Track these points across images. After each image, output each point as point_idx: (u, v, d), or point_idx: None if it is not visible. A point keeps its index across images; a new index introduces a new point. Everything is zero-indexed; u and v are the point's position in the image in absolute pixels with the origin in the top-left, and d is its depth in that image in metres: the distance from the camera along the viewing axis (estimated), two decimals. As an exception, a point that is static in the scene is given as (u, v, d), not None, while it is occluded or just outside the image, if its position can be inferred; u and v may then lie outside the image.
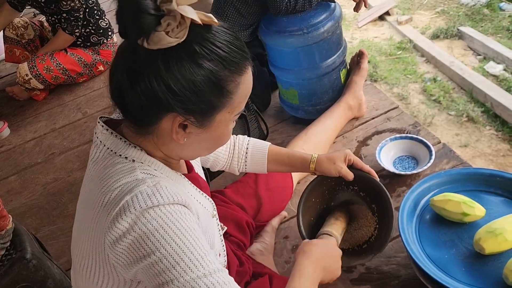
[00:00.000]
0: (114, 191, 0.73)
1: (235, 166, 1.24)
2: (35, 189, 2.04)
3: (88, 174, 0.83)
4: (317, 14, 1.60)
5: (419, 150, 1.53)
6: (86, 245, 0.78)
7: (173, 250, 0.69)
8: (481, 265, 1.05)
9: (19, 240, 1.35)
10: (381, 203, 1.22)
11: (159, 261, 0.69)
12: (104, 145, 0.80)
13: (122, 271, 0.74)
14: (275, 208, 1.42)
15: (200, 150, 0.85)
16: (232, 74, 0.74)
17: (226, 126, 0.81)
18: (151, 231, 0.69)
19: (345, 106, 1.72)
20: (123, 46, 0.74)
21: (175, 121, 0.74)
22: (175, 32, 0.67)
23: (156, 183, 0.73)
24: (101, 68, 2.70)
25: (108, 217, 0.71)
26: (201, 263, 0.70)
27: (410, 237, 1.12)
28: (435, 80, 3.22)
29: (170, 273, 0.69)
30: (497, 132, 2.70)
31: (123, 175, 0.75)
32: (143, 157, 0.79)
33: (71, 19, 2.41)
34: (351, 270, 1.30)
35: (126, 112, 0.77)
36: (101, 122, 0.84)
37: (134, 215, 0.69)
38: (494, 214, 1.12)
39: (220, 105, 0.76)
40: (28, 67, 2.46)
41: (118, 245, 0.71)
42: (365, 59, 1.79)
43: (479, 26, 3.64)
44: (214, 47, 0.71)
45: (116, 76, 0.74)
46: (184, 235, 0.71)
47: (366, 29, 4.07)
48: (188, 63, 0.69)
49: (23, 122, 2.54)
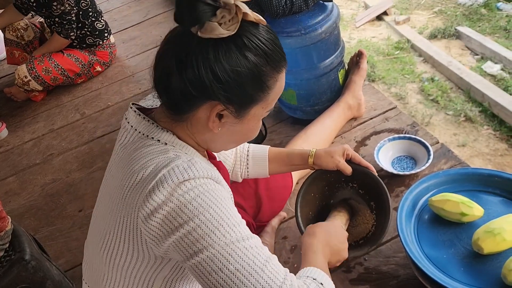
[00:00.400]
0: (149, 168, 0.75)
1: (238, 172, 1.26)
2: (33, 190, 2.04)
3: (114, 158, 0.86)
4: (315, 15, 1.60)
5: (417, 150, 1.54)
6: (114, 226, 0.80)
7: (211, 216, 0.72)
8: (479, 265, 1.05)
9: (18, 241, 1.35)
10: (379, 200, 1.22)
11: (196, 228, 0.71)
12: (136, 130, 0.84)
13: (154, 246, 0.75)
14: (275, 208, 1.42)
15: (229, 142, 0.89)
16: (272, 71, 0.78)
17: (258, 121, 0.85)
18: (189, 200, 0.72)
19: (345, 106, 1.72)
20: (175, 32, 0.78)
21: (214, 109, 0.77)
22: (227, 24, 0.72)
23: (191, 159, 0.77)
24: (98, 69, 2.69)
25: (143, 192, 0.73)
26: (238, 228, 0.73)
27: (408, 237, 1.13)
28: (433, 80, 3.22)
29: (209, 238, 0.71)
30: (495, 132, 2.71)
31: (156, 155, 0.78)
32: (175, 140, 0.82)
33: (64, 22, 2.40)
34: (350, 270, 1.30)
35: (166, 98, 0.80)
36: (134, 107, 0.87)
37: (170, 188, 0.72)
38: (493, 214, 1.13)
39: (258, 98, 0.79)
40: (27, 68, 2.46)
41: (153, 217, 0.72)
42: (364, 59, 1.79)
43: (477, 26, 3.64)
44: (260, 43, 0.76)
45: (163, 61, 0.78)
46: (220, 203, 0.74)
47: (364, 29, 4.08)
48: (236, 54, 0.73)
49: (21, 123, 2.54)
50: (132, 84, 2.57)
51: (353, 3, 4.48)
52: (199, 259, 0.71)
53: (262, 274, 0.71)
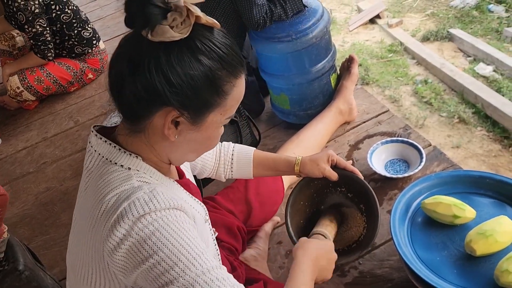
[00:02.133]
0: (112, 199, 0.74)
1: (221, 173, 1.25)
2: (27, 199, 2.03)
3: (83, 184, 0.84)
4: (305, 19, 1.61)
5: (410, 153, 1.54)
6: (85, 255, 0.78)
7: (170, 251, 0.70)
8: (472, 267, 1.05)
9: (12, 251, 1.34)
10: (367, 201, 1.22)
11: (157, 263, 0.70)
12: (99, 154, 0.81)
13: (123, 278, 0.75)
14: (266, 213, 1.42)
15: (189, 152, 0.86)
16: (228, 75, 0.76)
17: (217, 128, 0.83)
18: (148, 235, 0.70)
19: (336, 111, 1.73)
20: (127, 36, 0.77)
21: (168, 115, 0.75)
22: (179, 27, 0.70)
23: (153, 189, 0.75)
24: (90, 76, 2.69)
25: (106, 225, 0.72)
26: (198, 261, 0.72)
27: (402, 240, 1.13)
28: (426, 82, 3.24)
29: (169, 274, 0.70)
30: (488, 133, 2.72)
31: (119, 183, 0.76)
32: (138, 164, 0.80)
33: (38, 44, 2.39)
34: (344, 274, 1.30)
35: (121, 105, 0.78)
36: (95, 131, 0.85)
37: (131, 221, 0.71)
38: (485, 215, 1.13)
39: (214, 103, 0.77)
40: (19, 79, 2.45)
41: (117, 252, 0.71)
42: (355, 64, 1.80)
43: (469, 28, 3.67)
44: (215, 46, 0.74)
45: (117, 65, 0.76)
46: (180, 236, 0.72)
47: (357, 33, 4.10)
48: (188, 57, 0.72)
49: (14, 132, 2.52)
50: (125, 91, 2.56)
51: (346, 7, 4.50)
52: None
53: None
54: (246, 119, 1.70)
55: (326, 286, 1.28)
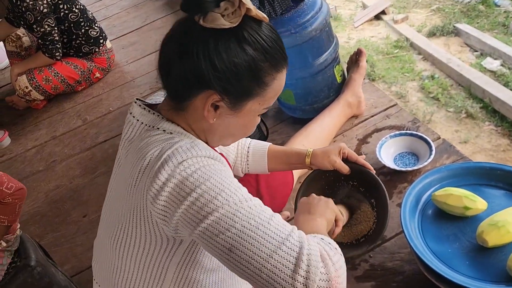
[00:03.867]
0: (155, 152, 0.77)
1: (239, 167, 1.27)
2: (37, 197, 2.05)
3: (122, 152, 0.88)
4: (304, 13, 1.60)
5: (419, 146, 1.54)
6: (124, 215, 0.81)
7: (212, 184, 0.73)
8: (484, 258, 1.05)
9: (23, 247, 1.35)
10: (377, 195, 1.22)
11: (199, 196, 0.72)
12: (142, 123, 0.85)
13: (164, 226, 0.77)
14: (276, 205, 1.43)
15: (226, 136, 0.89)
16: (270, 68, 0.80)
17: (254, 117, 0.86)
18: (190, 174, 0.74)
19: (345, 104, 1.73)
20: (180, 21, 0.81)
21: (209, 98, 0.79)
22: (230, 17, 0.74)
23: (194, 140, 0.81)
24: (98, 75, 2.70)
25: (150, 174, 0.75)
26: (240, 192, 0.75)
27: (413, 233, 1.13)
28: (433, 77, 3.22)
29: (212, 204, 0.72)
30: (497, 128, 2.70)
31: (162, 141, 0.80)
32: (180, 130, 0.84)
33: (47, 43, 2.41)
34: (355, 267, 1.30)
35: (167, 84, 0.83)
36: (138, 101, 0.89)
37: (174, 165, 0.74)
38: (496, 207, 1.13)
39: (254, 93, 0.81)
40: (27, 79, 2.47)
41: (160, 196, 0.74)
42: (363, 57, 1.80)
43: (475, 23, 3.65)
44: (261, 39, 0.78)
45: (167, 46, 0.81)
46: (219, 173, 0.75)
47: (362, 29, 4.09)
48: (235, 46, 0.75)
49: (23, 131, 2.55)
50: (132, 89, 2.58)
51: (351, 3, 4.49)
52: (206, 225, 0.72)
53: (269, 226, 0.71)
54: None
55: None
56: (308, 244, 0.71)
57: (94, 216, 1.85)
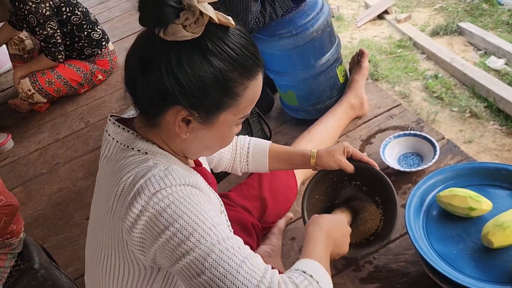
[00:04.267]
0: (128, 179, 0.75)
1: (237, 166, 1.26)
2: (40, 200, 2.05)
3: (101, 172, 0.86)
4: (305, 14, 1.60)
5: (423, 147, 1.53)
6: (104, 239, 0.80)
7: (186, 222, 0.71)
8: (490, 259, 1.04)
9: (27, 250, 1.35)
10: (384, 193, 1.22)
11: (173, 235, 0.70)
12: (117, 141, 0.83)
13: (142, 256, 0.75)
14: (280, 209, 1.42)
15: (202, 149, 0.87)
16: (241, 77, 0.75)
17: (229, 128, 0.83)
18: (164, 208, 0.71)
19: (347, 105, 1.72)
20: (141, 33, 0.77)
21: (178, 114, 0.76)
22: (192, 27, 0.70)
23: (168, 167, 0.76)
24: (100, 77, 2.70)
25: (124, 204, 0.73)
26: (213, 231, 0.72)
27: (417, 234, 1.12)
28: (437, 77, 3.21)
29: (186, 244, 0.70)
30: (501, 127, 2.69)
31: (136, 165, 0.77)
32: (155, 149, 0.82)
33: (49, 46, 2.41)
34: (359, 269, 1.29)
35: (135, 100, 0.80)
36: (112, 119, 0.86)
37: (147, 197, 0.71)
38: (501, 207, 1.11)
39: (226, 105, 0.77)
40: (30, 82, 2.47)
41: (134, 229, 0.72)
42: (365, 58, 1.79)
43: (479, 21, 3.63)
44: (227, 47, 0.73)
45: (130, 61, 0.77)
46: (195, 208, 0.73)
47: (365, 29, 4.08)
48: (199, 58, 0.71)
49: (26, 134, 2.55)
50: (135, 91, 2.57)
51: (353, 3, 4.48)
52: (181, 265, 0.71)
53: (237, 275, 0.69)
54: (256, 116, 1.70)
55: (342, 281, 1.27)
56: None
57: (97, 218, 1.85)
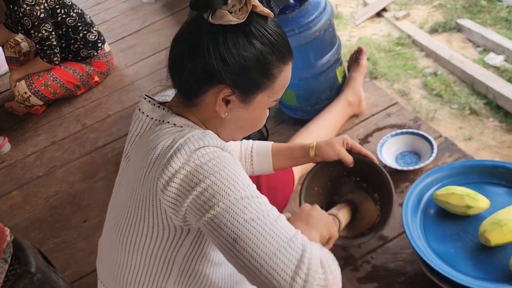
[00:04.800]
0: (166, 143, 0.79)
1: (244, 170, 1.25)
2: (37, 203, 2.04)
3: (131, 148, 0.89)
4: (308, 13, 1.60)
5: (420, 145, 1.52)
6: (132, 208, 0.82)
7: (225, 175, 0.74)
8: (487, 257, 1.03)
9: (23, 254, 1.34)
10: (381, 187, 1.21)
11: (210, 186, 0.73)
12: (152, 118, 0.87)
13: (173, 214, 0.77)
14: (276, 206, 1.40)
15: (237, 130, 0.91)
16: (277, 60, 0.83)
17: (263, 110, 0.89)
18: (203, 162, 0.75)
19: (345, 103, 1.71)
20: (189, 20, 0.84)
21: (220, 93, 0.81)
22: (237, 13, 0.77)
23: (206, 130, 0.82)
24: (97, 79, 2.69)
25: (161, 163, 0.76)
26: (249, 188, 0.76)
27: (415, 233, 1.11)
28: (436, 74, 3.20)
29: (222, 193, 0.73)
30: (501, 124, 2.67)
31: (173, 133, 0.81)
32: (190, 124, 0.86)
33: (45, 48, 2.39)
34: (357, 268, 1.28)
35: (178, 81, 0.85)
36: (147, 98, 0.91)
37: (187, 155, 0.75)
38: (498, 205, 1.11)
39: (263, 85, 0.83)
40: (26, 84, 2.47)
41: (171, 183, 0.75)
42: (363, 55, 1.78)
43: (477, 18, 3.61)
44: (267, 33, 0.81)
45: (178, 46, 0.84)
46: (232, 167, 0.77)
47: (363, 27, 4.06)
48: (243, 40, 0.79)
49: (23, 137, 2.54)
50: (132, 92, 2.56)
51: (352, 1, 4.46)
52: (214, 213, 0.73)
53: (276, 225, 0.73)
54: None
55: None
56: (310, 249, 0.72)
57: (94, 221, 1.84)
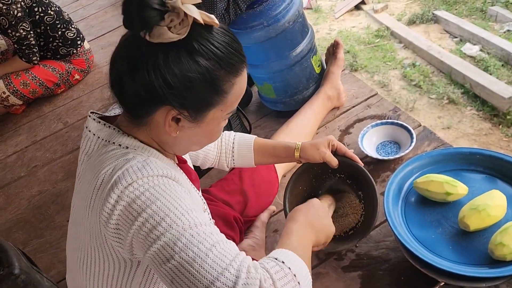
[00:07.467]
0: (108, 171, 0.75)
1: (224, 162, 1.26)
2: (20, 204, 2.01)
3: (81, 168, 0.85)
4: (276, 5, 1.59)
5: (400, 135, 1.54)
6: (84, 236, 0.80)
7: (158, 208, 0.71)
8: (467, 242, 1.06)
9: (5, 256, 1.32)
10: (366, 189, 1.23)
11: (146, 221, 0.71)
12: (99, 137, 0.83)
13: (120, 248, 0.75)
14: (261, 203, 1.42)
15: (192, 145, 0.88)
16: (227, 74, 0.77)
17: (218, 124, 0.84)
18: (138, 195, 0.72)
19: (324, 97, 1.72)
20: (126, 36, 0.78)
21: (168, 114, 0.77)
22: (177, 28, 0.70)
23: (146, 159, 0.77)
24: (77, 77, 2.66)
25: (102, 196, 0.74)
26: (186, 217, 0.72)
27: (396, 220, 1.13)
28: (414, 65, 3.25)
29: (157, 230, 0.70)
30: (478, 112, 2.74)
31: (116, 158, 0.77)
32: (136, 144, 0.82)
33: (23, 48, 2.35)
34: (341, 257, 1.30)
35: (123, 102, 0.80)
36: (93, 116, 0.86)
37: (123, 187, 0.72)
38: (477, 191, 1.13)
39: (214, 102, 0.78)
40: (4, 84, 2.42)
41: (111, 219, 0.72)
42: (340, 49, 1.79)
43: (454, 9, 3.68)
44: (213, 46, 0.74)
45: (116, 65, 0.78)
46: (169, 195, 0.73)
47: (343, 20, 4.09)
48: (186, 59, 0.72)
49: (2, 137, 2.49)
50: (113, 89, 2.54)
51: None
52: (153, 251, 0.70)
53: (206, 259, 0.68)
54: (235, 110, 1.70)
55: (324, 271, 1.28)
56: (246, 276, 0.68)
57: (78, 220, 1.83)
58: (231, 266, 0.69)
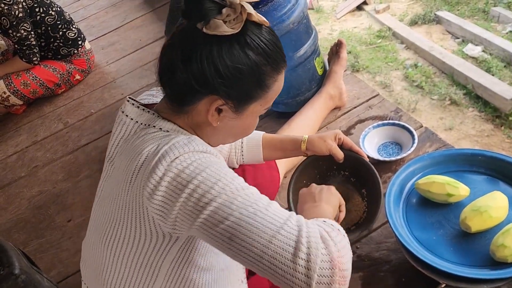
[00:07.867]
0: (152, 148, 0.78)
1: (234, 159, 1.28)
2: (20, 204, 2.01)
3: (114, 151, 0.88)
4: (280, 6, 1.59)
5: (402, 136, 1.54)
6: (116, 213, 0.81)
7: (208, 174, 0.74)
8: (468, 244, 1.05)
9: (6, 256, 1.32)
10: (370, 185, 1.22)
11: (197, 188, 0.72)
12: (137, 121, 0.86)
13: (162, 221, 0.76)
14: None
15: (228, 136, 0.92)
16: (272, 71, 0.82)
17: (255, 118, 0.89)
18: (185, 166, 0.74)
19: (326, 96, 1.72)
20: (181, 27, 0.82)
21: (214, 103, 0.81)
22: (232, 23, 0.76)
23: (191, 136, 0.82)
24: (78, 77, 2.66)
25: (147, 170, 0.75)
26: (235, 181, 0.75)
27: (398, 222, 1.13)
28: (416, 66, 3.24)
29: (209, 194, 0.72)
30: (480, 113, 2.73)
31: (159, 138, 0.80)
32: (177, 129, 0.85)
33: (23, 48, 2.35)
34: (342, 259, 1.30)
35: (169, 90, 0.84)
36: (131, 100, 0.89)
37: (170, 160, 0.74)
38: (478, 192, 1.13)
39: (256, 96, 0.83)
40: (5, 84, 2.42)
41: (157, 191, 0.74)
42: (343, 48, 1.79)
43: (456, 10, 3.67)
44: (262, 43, 0.79)
45: (169, 53, 0.82)
46: (215, 164, 0.76)
47: (345, 20, 4.09)
48: (238, 52, 0.77)
49: (3, 137, 2.49)
50: (114, 89, 2.54)
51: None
52: (205, 215, 0.72)
53: (266, 213, 0.72)
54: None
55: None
56: (306, 227, 0.71)
57: (79, 220, 1.83)
58: (291, 218, 0.72)
